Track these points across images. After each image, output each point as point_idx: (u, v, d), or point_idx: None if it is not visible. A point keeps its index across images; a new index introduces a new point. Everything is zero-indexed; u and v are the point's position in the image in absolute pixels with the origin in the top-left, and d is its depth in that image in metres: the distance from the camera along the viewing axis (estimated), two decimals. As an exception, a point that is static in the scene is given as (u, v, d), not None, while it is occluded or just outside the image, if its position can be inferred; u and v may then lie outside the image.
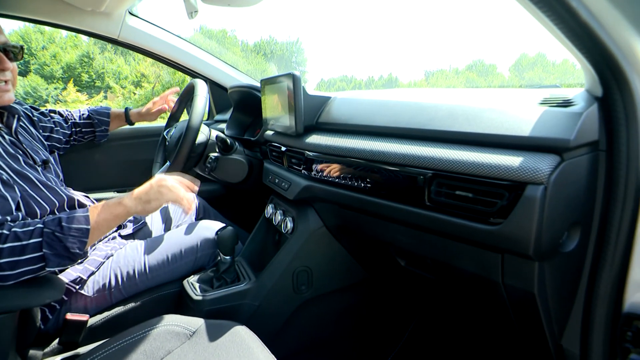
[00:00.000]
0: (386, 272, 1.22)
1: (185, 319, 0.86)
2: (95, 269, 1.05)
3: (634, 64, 0.57)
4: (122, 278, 1.06)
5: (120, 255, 1.10)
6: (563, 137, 0.58)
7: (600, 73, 0.60)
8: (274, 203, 1.33)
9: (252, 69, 27.41)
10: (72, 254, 0.81)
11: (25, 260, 0.76)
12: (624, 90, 0.59)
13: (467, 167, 0.66)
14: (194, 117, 1.21)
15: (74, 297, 1.02)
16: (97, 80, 18.54)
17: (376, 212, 0.89)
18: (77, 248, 0.81)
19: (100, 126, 1.55)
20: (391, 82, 57.34)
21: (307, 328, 1.24)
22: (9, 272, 0.75)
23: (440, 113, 0.78)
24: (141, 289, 1.09)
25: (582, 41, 0.57)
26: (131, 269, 1.07)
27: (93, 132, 1.55)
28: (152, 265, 1.10)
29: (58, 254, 0.79)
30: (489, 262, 0.72)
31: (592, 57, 0.59)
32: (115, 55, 19.82)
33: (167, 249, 1.13)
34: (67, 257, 0.80)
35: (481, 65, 53.26)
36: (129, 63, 19.21)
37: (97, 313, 1.03)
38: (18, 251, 0.76)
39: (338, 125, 1.02)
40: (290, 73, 1.02)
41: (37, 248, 0.77)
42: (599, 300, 0.68)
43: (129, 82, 17.90)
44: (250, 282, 1.11)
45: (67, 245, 0.79)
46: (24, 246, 0.76)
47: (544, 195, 0.58)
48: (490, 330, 1.14)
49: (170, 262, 1.12)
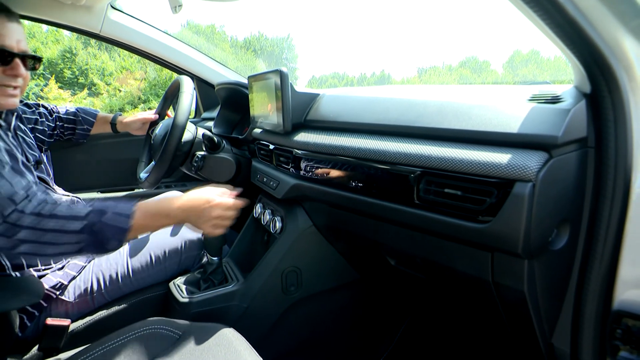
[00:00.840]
0: (377, 272, 1.22)
1: (171, 322, 0.86)
2: (76, 274, 1.04)
3: (622, 60, 0.58)
4: (105, 282, 1.05)
5: (102, 258, 1.09)
6: (551, 133, 0.59)
7: (588, 69, 0.61)
8: (263, 202, 1.33)
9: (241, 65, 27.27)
10: (107, 250, 0.80)
11: (65, 244, 0.76)
12: (611, 86, 0.60)
13: (456, 164, 0.67)
14: (180, 114, 1.20)
15: (54, 303, 1.00)
16: (81, 76, 18.19)
17: (365, 211, 0.90)
18: (112, 246, 0.80)
19: (83, 125, 1.51)
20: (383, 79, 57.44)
21: (297, 330, 1.24)
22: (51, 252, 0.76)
23: (429, 110, 0.79)
24: (125, 292, 1.08)
25: (570, 37, 0.58)
26: (114, 272, 1.07)
27: (73, 130, 1.51)
28: (136, 267, 1.09)
29: (95, 244, 0.78)
30: (478, 261, 0.73)
31: (579, 54, 0.60)
32: (99, 51, 19.45)
33: (150, 251, 1.13)
34: (103, 250, 0.80)
35: (474, 62, 53.59)
36: (113, 59, 18.87)
37: (79, 318, 1.03)
38: (60, 226, 0.76)
39: (326, 122, 1.02)
40: (277, 69, 1.02)
41: (77, 232, 0.77)
42: (589, 298, 0.69)
43: (113, 79, 17.60)
44: (238, 284, 1.11)
45: (107, 236, 0.79)
46: (66, 224, 0.76)
47: (532, 193, 0.58)
48: (483, 329, 1.16)
49: (154, 264, 1.11)
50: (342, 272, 1.24)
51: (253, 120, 1.26)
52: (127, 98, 15.40)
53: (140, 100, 15.07)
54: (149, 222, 0.83)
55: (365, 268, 1.24)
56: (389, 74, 62.10)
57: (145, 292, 1.10)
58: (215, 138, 1.38)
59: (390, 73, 68.86)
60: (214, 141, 1.37)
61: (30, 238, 0.74)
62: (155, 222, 0.84)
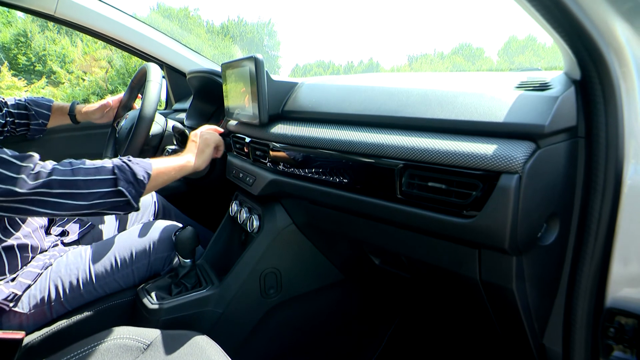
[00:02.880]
0: (361, 272, 1.23)
1: (138, 331, 0.85)
2: (31, 282, 1.01)
3: (612, 44, 0.58)
4: (64, 289, 1.03)
5: (61, 263, 1.06)
6: (537, 122, 0.60)
7: (577, 54, 0.62)
8: (239, 200, 1.32)
9: (218, 53, 26.93)
10: (139, 181, 0.94)
11: (100, 181, 0.89)
12: (601, 72, 0.60)
13: (440, 156, 0.67)
14: (147, 105, 1.18)
15: (5, 316, 0.97)
16: (38, 63, 17.60)
17: (346, 207, 0.89)
18: (143, 177, 0.94)
19: (37, 119, 1.45)
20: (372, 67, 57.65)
21: (278, 335, 1.23)
22: (86, 191, 0.86)
23: (412, 99, 0.79)
24: (87, 300, 1.06)
25: (557, 20, 0.58)
26: (74, 278, 1.04)
27: (27, 126, 1.45)
28: (99, 272, 1.07)
29: (127, 180, 0.92)
30: (465, 258, 0.73)
31: (568, 37, 0.60)
32: (58, 35, 18.81)
33: (115, 254, 1.10)
34: (135, 183, 0.93)
35: (468, 49, 54.10)
36: (75, 44, 18.23)
37: (35, 330, 1.00)
38: (93, 171, 0.89)
39: (305, 113, 1.01)
40: (252, 56, 1.01)
41: (109, 171, 0.91)
42: (580, 296, 0.70)
43: (76, 66, 17.03)
44: (213, 287, 1.10)
45: (135, 171, 0.94)
46: (97, 167, 0.90)
47: (518, 185, 0.59)
48: (473, 329, 1.17)
49: (120, 268, 1.10)
50: (325, 273, 1.24)
51: (228, 111, 1.24)
52: (92, 88, 15.05)
53: (106, 91, 14.77)
54: (166, 167, 1.03)
55: (349, 268, 1.24)
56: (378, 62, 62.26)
57: (110, 299, 1.08)
58: (187, 131, 1.37)
59: (379, 61, 69.08)
60: (186, 134, 1.36)
61: (62, 177, 0.85)
62: (175, 164, 1.07)
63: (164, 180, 1.02)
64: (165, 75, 1.91)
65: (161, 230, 1.18)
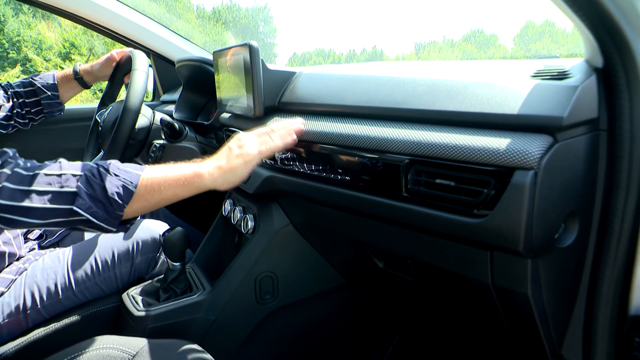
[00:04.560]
0: (364, 276, 1.22)
1: (123, 340, 0.84)
2: (4, 289, 1.00)
3: (637, 27, 0.58)
4: (41, 296, 1.02)
5: (37, 268, 1.05)
6: (555, 114, 0.59)
7: (599, 39, 0.61)
8: (233, 199, 1.32)
9: (209, 40, 26.90)
10: (111, 200, 0.76)
11: (58, 195, 0.74)
12: (626, 59, 0.59)
13: (449, 151, 0.66)
14: (132, 96, 1.17)
15: None
16: (12, 50, 17.36)
17: (348, 206, 0.89)
18: (117, 194, 0.76)
19: (46, 92, 1.35)
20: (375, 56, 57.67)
21: (274, 344, 1.23)
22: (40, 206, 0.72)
23: (419, 89, 0.78)
24: (67, 307, 1.05)
25: (578, 2, 0.57)
26: (52, 283, 1.03)
27: (39, 103, 1.36)
28: (79, 277, 1.06)
29: (92, 196, 0.75)
30: (475, 261, 0.73)
31: (589, 21, 0.59)
32: (34, 20, 18.63)
33: (96, 256, 1.10)
34: (105, 202, 0.76)
35: (480, 36, 54.00)
36: (53, 30, 18.05)
37: (9, 340, 0.99)
38: (54, 180, 0.74)
39: (303, 105, 1.01)
40: (246, 43, 1.01)
41: (74, 181, 0.75)
42: (602, 302, 0.70)
43: (54, 53, 16.84)
44: (204, 293, 1.10)
45: (107, 185, 0.75)
46: (62, 175, 0.75)
47: (534, 182, 0.58)
48: (485, 338, 1.17)
49: (102, 272, 1.09)
50: (325, 277, 1.24)
51: (220, 103, 1.24)
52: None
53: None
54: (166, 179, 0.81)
55: (350, 272, 1.24)
56: (382, 50, 62.28)
57: (91, 305, 1.08)
58: (177, 124, 1.36)
59: (383, 49, 69.14)
60: (175, 128, 1.35)
61: (14, 185, 0.71)
62: (185, 180, 0.82)
63: (163, 198, 0.82)
64: (153, 64, 1.90)
65: (147, 231, 1.18)
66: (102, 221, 0.76)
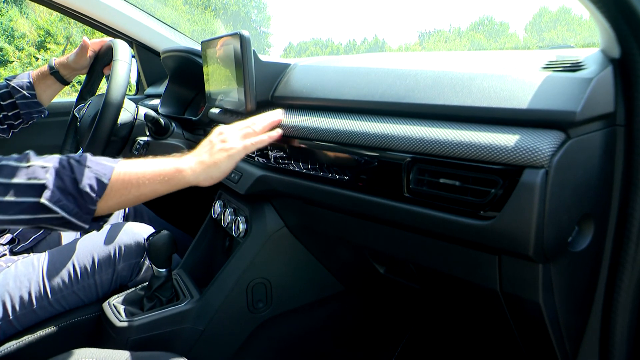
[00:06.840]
0: (363, 282, 1.23)
1: (104, 353, 0.85)
2: None
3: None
4: (13, 306, 1.01)
5: (9, 275, 1.04)
6: (568, 109, 0.59)
7: (616, 27, 0.61)
8: (223, 200, 1.32)
9: (198, 29, 26.83)
10: (82, 193, 0.75)
11: (25, 188, 0.73)
12: (644, 48, 0.60)
13: (453, 148, 0.66)
14: (113, 89, 1.17)
15: None
16: None
17: (346, 207, 0.89)
18: (89, 186, 0.76)
19: (20, 91, 1.32)
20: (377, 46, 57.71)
21: (267, 356, 1.24)
22: (5, 199, 0.71)
23: (422, 82, 0.78)
24: (42, 318, 1.05)
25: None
26: (25, 292, 1.02)
27: (15, 106, 1.33)
28: (55, 285, 1.05)
29: (62, 189, 0.75)
30: (483, 266, 0.73)
31: (605, 7, 0.60)
32: (5, 5, 18.47)
33: (74, 262, 1.09)
34: (76, 195, 0.75)
35: (490, 24, 54.04)
36: (26, 16, 17.87)
37: None
38: (22, 173, 0.74)
39: (299, 99, 1.01)
40: (237, 32, 1.01)
41: (42, 173, 0.74)
42: (620, 310, 0.70)
43: (27, 42, 16.69)
44: (192, 301, 1.10)
45: (77, 177, 0.75)
46: (29, 167, 0.75)
47: (544, 181, 0.58)
48: (493, 349, 1.17)
49: (80, 279, 1.08)
50: (322, 284, 1.24)
51: (209, 97, 1.24)
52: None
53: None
54: (144, 174, 0.82)
55: (349, 278, 1.24)
56: (384, 40, 62.31)
57: (69, 316, 1.07)
58: (162, 120, 1.36)
59: (385, 39, 69.16)
60: (160, 124, 1.35)
61: None
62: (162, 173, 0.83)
63: (141, 194, 0.82)
64: (136, 55, 1.90)
65: (130, 235, 1.18)
66: (73, 216, 0.75)
